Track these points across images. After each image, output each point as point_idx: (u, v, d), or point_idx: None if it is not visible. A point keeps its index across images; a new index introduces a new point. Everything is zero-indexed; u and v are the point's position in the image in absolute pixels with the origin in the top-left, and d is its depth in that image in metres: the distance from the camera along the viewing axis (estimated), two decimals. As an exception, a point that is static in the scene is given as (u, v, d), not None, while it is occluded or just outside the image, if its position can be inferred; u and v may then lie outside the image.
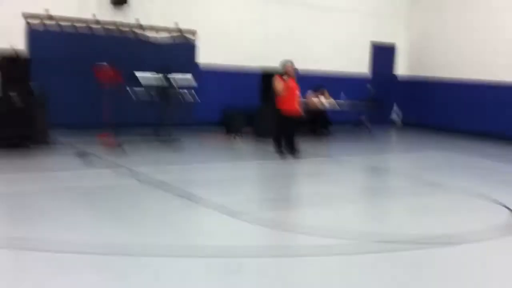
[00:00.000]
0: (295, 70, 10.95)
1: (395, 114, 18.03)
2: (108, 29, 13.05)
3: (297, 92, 10.94)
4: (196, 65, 14.02)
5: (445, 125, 16.82)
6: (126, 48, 13.07)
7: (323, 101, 14.24)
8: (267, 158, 10.62)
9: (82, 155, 9.64)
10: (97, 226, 5.86)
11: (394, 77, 18.25)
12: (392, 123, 17.90)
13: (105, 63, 11.76)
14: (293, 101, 10.76)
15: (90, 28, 12.87)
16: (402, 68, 18.36)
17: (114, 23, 13.11)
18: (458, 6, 16.79)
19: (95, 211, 6.48)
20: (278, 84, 10.62)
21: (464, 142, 14.60)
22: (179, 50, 13.86)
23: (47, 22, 12.36)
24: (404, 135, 15.93)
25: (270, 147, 11.04)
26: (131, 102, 11.89)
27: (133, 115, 12.48)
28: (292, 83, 10.77)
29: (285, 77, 10.61)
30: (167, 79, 11.84)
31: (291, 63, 10.76)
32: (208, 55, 14.30)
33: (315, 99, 14.07)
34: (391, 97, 17.22)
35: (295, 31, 15.71)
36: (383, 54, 17.76)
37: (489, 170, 10.74)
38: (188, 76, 12.41)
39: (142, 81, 11.92)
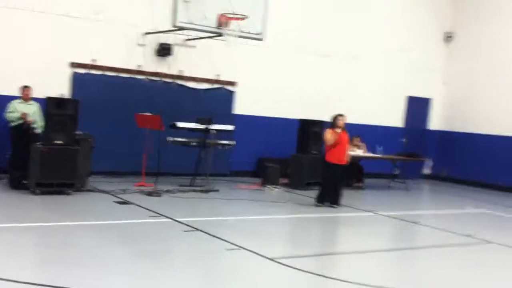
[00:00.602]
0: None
1: (428, 168, 17.98)
2: (151, 79, 13.37)
3: (348, 145, 11.13)
4: (233, 115, 14.22)
5: (478, 180, 16.74)
6: (167, 97, 13.37)
7: (359, 153, 14.28)
8: (304, 209, 10.62)
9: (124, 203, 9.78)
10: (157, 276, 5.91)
11: (428, 130, 18.26)
12: (425, 176, 17.84)
13: (147, 113, 12.09)
14: (343, 153, 10.96)
15: (134, 78, 13.20)
16: (436, 121, 18.38)
17: (157, 73, 13.43)
18: (493, 65, 16.92)
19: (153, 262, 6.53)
20: (330, 136, 10.78)
21: (496, 197, 14.52)
22: (218, 100, 14.11)
23: (94, 72, 12.70)
24: (438, 190, 15.83)
25: (307, 197, 11.05)
26: (170, 151, 12.07)
27: (172, 164, 12.69)
28: (344, 136, 10.95)
29: (337, 129, 10.77)
30: (208, 130, 11.99)
31: (343, 116, 10.95)
32: (245, 105, 14.52)
33: (351, 151, 14.10)
34: (425, 150, 17.16)
35: (331, 83, 15.90)
36: (418, 107, 17.84)
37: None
38: (230, 127, 12.57)
39: (184, 131, 12.10)
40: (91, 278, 5.72)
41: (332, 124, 11.03)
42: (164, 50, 13.48)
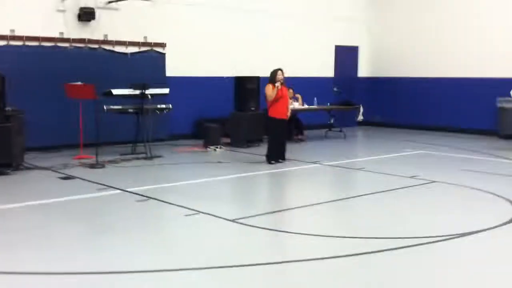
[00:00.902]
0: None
1: (361, 115, 18.34)
2: (76, 46, 12.76)
3: (289, 99, 11.07)
4: (165, 77, 13.86)
5: (407, 122, 17.31)
6: (95, 64, 12.85)
7: (297, 106, 14.34)
8: (256, 167, 10.58)
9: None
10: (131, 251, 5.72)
11: (357, 78, 18.57)
12: (358, 123, 18.24)
13: (78, 81, 11.58)
14: (284, 107, 10.89)
15: (58, 46, 12.55)
16: (365, 69, 18.69)
17: (82, 40, 12.83)
18: (412, 8, 17.27)
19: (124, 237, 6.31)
20: (271, 92, 10.68)
21: (429, 137, 15.14)
22: (148, 63, 13.69)
23: (14, 43, 11.98)
24: (373, 135, 16.20)
25: (251, 154, 11.02)
26: (107, 120, 11.65)
27: (110, 133, 12.32)
28: (285, 90, 10.87)
29: (277, 84, 10.66)
30: (145, 95, 11.62)
31: (282, 71, 10.82)
32: (177, 67, 14.18)
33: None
34: (355, 98, 17.49)
35: (262, 39, 15.80)
36: (346, 56, 18.04)
37: (468, 162, 11.15)
38: (166, 90, 12.23)
39: (119, 98, 11.68)
40: (55, 260, 5.46)
41: (271, 79, 10.93)
42: (86, 15, 12.89)
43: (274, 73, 10.92)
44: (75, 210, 7.50)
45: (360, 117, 18.33)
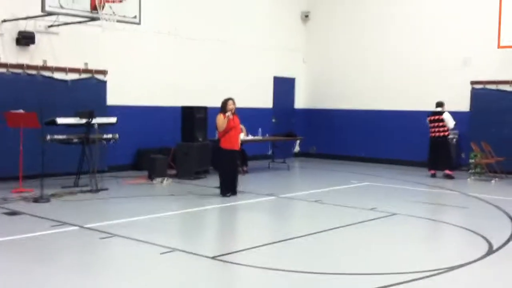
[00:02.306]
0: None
1: (298, 146, 18.53)
2: (14, 72, 12.05)
3: (240, 129, 10.87)
4: (106, 106, 13.35)
5: (341, 153, 17.68)
6: (33, 91, 12.19)
7: (242, 137, 14.17)
8: (211, 199, 10.30)
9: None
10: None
11: (294, 109, 18.74)
12: (295, 154, 18.36)
13: (19, 109, 10.94)
14: (236, 138, 10.69)
15: (-5, 71, 11.83)
16: (301, 100, 18.91)
17: (20, 65, 12.14)
18: (347, 42, 17.76)
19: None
20: (222, 122, 10.44)
21: (367, 168, 15.42)
22: (89, 91, 13.15)
23: None
24: (314, 167, 16.32)
25: (202, 187, 10.78)
26: (49, 150, 10.99)
27: (50, 164, 11.61)
28: (236, 121, 10.67)
29: (228, 114, 10.45)
30: (91, 124, 11.09)
31: (233, 100, 10.63)
32: (118, 95, 13.72)
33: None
34: (292, 129, 17.61)
35: (204, 68, 15.64)
36: (284, 87, 18.20)
37: (415, 194, 11.44)
38: (113, 119, 11.75)
39: (64, 127, 11.09)
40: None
41: (222, 109, 10.72)
42: (25, 39, 12.22)
43: (225, 102, 10.72)
44: (33, 249, 6.90)
45: (297, 148, 18.48)
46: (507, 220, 8.92)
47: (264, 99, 17.53)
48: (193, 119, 12.97)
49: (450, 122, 13.74)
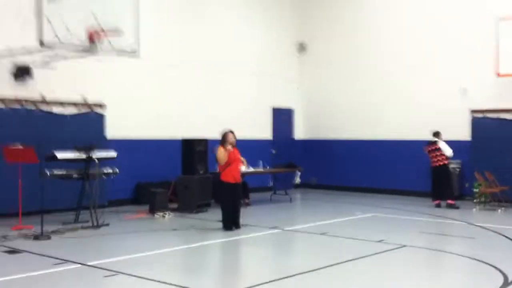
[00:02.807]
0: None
1: (298, 178, 18.37)
2: (11, 107, 11.90)
3: (240, 162, 10.66)
4: (106, 140, 13.19)
5: (342, 184, 17.52)
6: (31, 126, 12.04)
7: (244, 169, 14.00)
8: (215, 234, 10.08)
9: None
10: None
11: (293, 140, 18.63)
12: (295, 186, 18.18)
13: (17, 143, 10.76)
14: (237, 171, 10.49)
15: (-8, 106, 11.69)
16: (300, 131, 18.81)
17: (18, 100, 11.99)
18: (346, 72, 17.75)
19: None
20: (223, 155, 10.27)
21: (369, 199, 15.27)
22: (88, 125, 13.00)
23: None
24: (316, 198, 16.13)
25: (204, 221, 10.61)
26: (48, 185, 10.77)
27: (49, 200, 11.40)
28: (237, 153, 10.49)
29: (228, 146, 10.29)
30: (91, 159, 10.91)
31: (233, 133, 10.48)
32: (117, 128, 13.56)
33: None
34: (292, 160, 17.45)
35: (201, 99, 15.53)
36: (282, 118, 18.12)
37: (421, 225, 11.30)
38: (113, 153, 11.57)
39: (62, 162, 10.88)
40: None
41: (222, 141, 10.57)
42: (22, 73, 12.09)
43: (225, 135, 10.57)
44: (38, 289, 6.67)
45: (298, 180, 18.31)
46: (519, 250, 8.75)
47: (263, 130, 17.42)
48: (193, 151, 12.82)
49: (447, 150, 13.66)
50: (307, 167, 17.47)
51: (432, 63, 15.98)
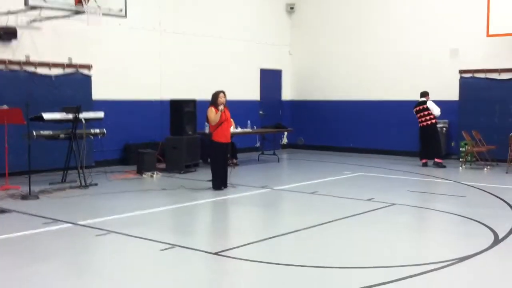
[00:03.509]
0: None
1: (285, 138, 18.39)
2: (-4, 67, 11.70)
3: (231, 122, 10.63)
4: (92, 101, 13.03)
5: (329, 144, 17.59)
6: (16, 87, 11.85)
7: (232, 129, 13.94)
8: (204, 193, 10.08)
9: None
10: None
11: (281, 101, 18.55)
12: (282, 146, 18.20)
13: (4, 106, 10.59)
14: (228, 131, 10.47)
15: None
16: (288, 92, 18.72)
17: (2, 61, 11.75)
18: (333, 33, 17.59)
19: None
20: (214, 116, 10.21)
21: (356, 159, 15.36)
22: (74, 86, 12.81)
23: None
24: (304, 158, 16.15)
25: (193, 180, 10.57)
26: (35, 146, 10.66)
27: (36, 160, 11.33)
28: (228, 114, 10.43)
29: (221, 107, 10.22)
30: (78, 119, 10.77)
31: (224, 93, 10.39)
32: (103, 89, 13.39)
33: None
34: (280, 121, 17.43)
35: (190, 62, 15.36)
36: (271, 79, 18.00)
37: (409, 184, 11.36)
38: (100, 114, 11.44)
39: (49, 123, 10.73)
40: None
41: (213, 102, 10.49)
42: (6, 34, 11.84)
43: (216, 95, 10.48)
44: (33, 248, 6.60)
45: (285, 140, 18.33)
46: (507, 208, 8.85)
47: (251, 92, 17.31)
48: (182, 112, 12.69)
49: (435, 109, 13.69)
50: (295, 128, 17.45)
51: (422, 24, 15.88)
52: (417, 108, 13.91)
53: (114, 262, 6.13)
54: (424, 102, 13.81)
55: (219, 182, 10.46)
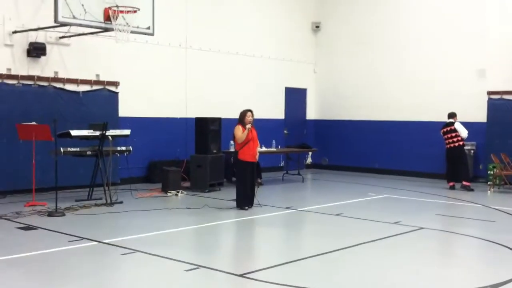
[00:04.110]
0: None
1: (310, 158, 18.30)
2: (24, 83, 11.82)
3: (257, 141, 10.63)
4: (118, 118, 13.12)
5: (353, 165, 17.44)
6: (44, 103, 12.01)
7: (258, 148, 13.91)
8: (229, 213, 10.02)
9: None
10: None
11: (306, 121, 18.48)
12: (306, 166, 18.10)
13: (32, 122, 10.73)
14: (254, 150, 10.45)
15: (5, 83, 11.59)
16: (312, 111, 18.66)
17: (31, 77, 11.91)
18: (359, 52, 17.52)
19: None
20: (241, 134, 10.22)
21: (382, 181, 15.19)
22: (101, 103, 12.93)
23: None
24: (328, 178, 16.03)
25: (217, 200, 10.55)
26: (62, 163, 10.73)
27: (62, 177, 11.42)
28: (254, 133, 10.43)
29: (248, 126, 10.23)
30: (105, 137, 10.83)
31: (251, 112, 10.41)
32: (130, 107, 13.48)
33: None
34: (304, 140, 17.36)
35: (215, 80, 15.41)
36: (296, 98, 17.96)
37: (436, 207, 11.22)
38: (127, 131, 11.51)
39: (76, 139, 10.83)
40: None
41: (240, 121, 10.50)
42: (36, 50, 12.02)
43: (244, 114, 10.51)
44: (55, 265, 6.60)
45: (309, 160, 18.24)
46: (538, 234, 8.63)
47: (276, 110, 17.29)
48: (207, 130, 12.70)
49: (462, 131, 13.49)
50: (319, 147, 17.36)
51: (449, 44, 15.73)
52: (445, 130, 13.74)
53: (140, 283, 6.08)
54: (452, 124, 13.63)
55: (243, 201, 10.41)
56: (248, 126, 10.35)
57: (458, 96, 15.36)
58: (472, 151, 14.88)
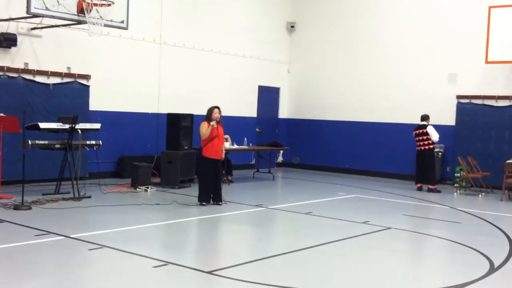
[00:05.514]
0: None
1: (281, 156, 18.35)
2: (-6, 74, 11.63)
3: (223, 139, 10.62)
4: (89, 111, 12.97)
5: (325, 164, 17.55)
6: (13, 94, 11.78)
7: (227, 146, 13.91)
8: (197, 210, 10.01)
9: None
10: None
11: (278, 119, 18.53)
12: (277, 164, 18.15)
13: (1, 113, 10.55)
14: (220, 147, 10.43)
15: (-26, 73, 11.38)
16: (285, 110, 18.72)
17: (0, 67, 11.70)
18: (333, 52, 17.63)
19: None
20: (206, 130, 10.19)
21: (352, 181, 15.31)
22: (72, 95, 12.76)
23: None
24: (299, 177, 16.10)
25: (186, 196, 10.55)
26: (29, 155, 10.58)
27: (32, 170, 11.29)
28: (220, 129, 10.41)
29: (213, 123, 10.19)
30: (75, 130, 10.70)
31: (219, 109, 10.38)
32: (101, 100, 13.34)
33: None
34: (276, 139, 17.43)
35: (189, 76, 15.34)
36: (268, 96, 17.99)
37: (404, 207, 11.32)
38: (97, 125, 11.39)
39: (44, 132, 10.67)
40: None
41: (207, 117, 10.47)
42: (6, 41, 11.78)
43: (210, 110, 10.48)
44: (24, 261, 6.50)
45: (280, 158, 18.30)
46: (502, 236, 8.81)
47: (248, 108, 17.30)
48: (179, 126, 12.64)
49: (434, 135, 13.68)
50: (290, 146, 17.44)
51: (422, 48, 15.93)
52: (417, 132, 13.91)
53: (107, 279, 6.02)
54: (425, 126, 13.80)
55: (205, 197, 10.40)
56: (213, 122, 10.31)
57: (429, 99, 15.58)
58: (440, 154, 15.11)
